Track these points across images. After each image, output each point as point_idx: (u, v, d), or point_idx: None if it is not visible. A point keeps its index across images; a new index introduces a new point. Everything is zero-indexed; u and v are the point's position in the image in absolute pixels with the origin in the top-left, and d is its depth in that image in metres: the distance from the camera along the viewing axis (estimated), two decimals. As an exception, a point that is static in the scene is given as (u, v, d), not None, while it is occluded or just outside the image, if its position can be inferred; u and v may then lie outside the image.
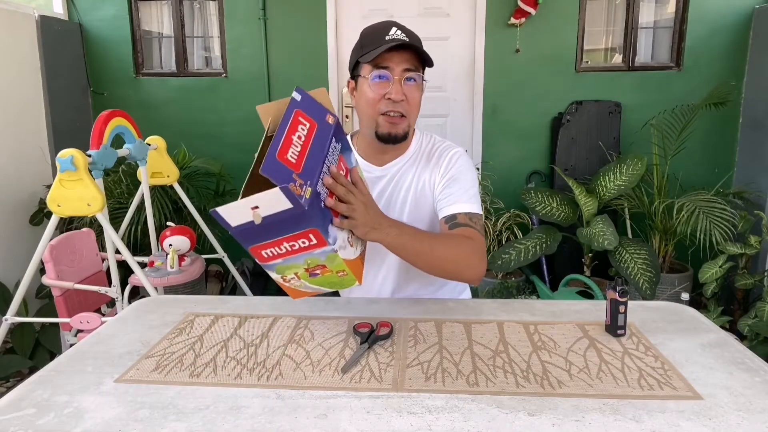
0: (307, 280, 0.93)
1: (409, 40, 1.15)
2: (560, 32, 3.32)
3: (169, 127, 3.37)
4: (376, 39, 1.18)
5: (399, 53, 1.16)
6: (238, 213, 0.82)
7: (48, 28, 3.25)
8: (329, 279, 0.93)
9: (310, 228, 0.83)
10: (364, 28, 1.24)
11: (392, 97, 1.16)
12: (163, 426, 0.74)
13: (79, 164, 2.02)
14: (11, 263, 2.87)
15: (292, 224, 0.82)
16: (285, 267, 0.91)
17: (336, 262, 0.89)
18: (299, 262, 0.89)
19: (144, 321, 1.12)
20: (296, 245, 0.86)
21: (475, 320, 1.09)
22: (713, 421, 0.74)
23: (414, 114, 1.22)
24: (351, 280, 0.94)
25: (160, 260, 2.53)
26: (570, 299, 1.75)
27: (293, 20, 3.45)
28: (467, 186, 1.24)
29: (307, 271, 0.91)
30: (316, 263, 0.89)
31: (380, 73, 1.17)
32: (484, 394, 0.81)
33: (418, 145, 1.31)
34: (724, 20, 3.20)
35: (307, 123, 0.93)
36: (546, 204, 3.06)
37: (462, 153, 1.29)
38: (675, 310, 1.15)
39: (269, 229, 0.83)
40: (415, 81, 1.18)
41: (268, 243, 0.86)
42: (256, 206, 0.80)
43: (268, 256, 0.89)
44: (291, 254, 0.87)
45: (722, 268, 2.73)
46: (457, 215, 1.19)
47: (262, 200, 0.79)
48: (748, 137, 3.20)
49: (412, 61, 1.17)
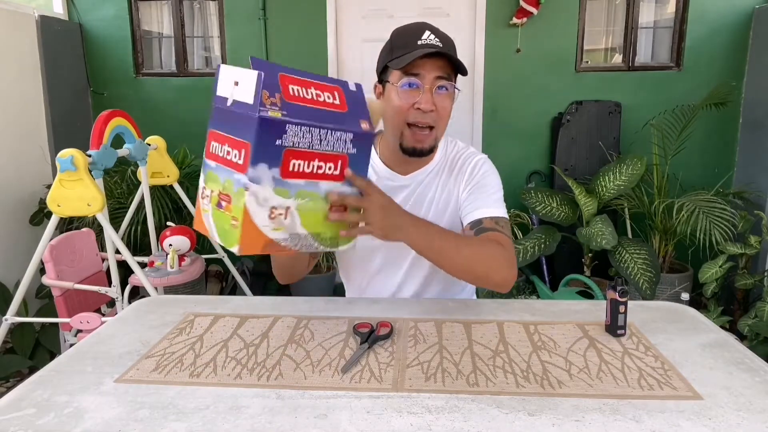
0: (213, 209, 0.85)
1: (443, 46, 1.09)
2: (560, 32, 3.32)
3: (169, 127, 3.37)
4: (407, 43, 1.11)
5: (431, 60, 1.09)
6: (228, 81, 0.81)
7: (48, 28, 3.25)
8: (224, 221, 0.83)
9: (246, 140, 0.78)
10: (396, 28, 1.16)
11: (422, 107, 1.10)
12: (163, 426, 0.74)
13: (79, 164, 2.02)
14: (11, 263, 2.87)
15: (240, 126, 0.79)
16: (212, 176, 0.86)
17: (238, 202, 0.80)
18: (221, 178, 0.83)
19: (144, 321, 1.12)
20: (231, 154, 0.81)
21: (475, 320, 1.09)
22: (713, 421, 0.74)
23: (443, 125, 1.15)
24: (234, 238, 0.82)
25: (160, 260, 2.53)
26: (570, 299, 1.75)
27: (293, 20, 3.45)
28: (492, 191, 1.21)
29: (219, 195, 0.84)
30: (228, 191, 0.82)
31: (410, 80, 1.10)
32: (484, 394, 0.81)
33: (444, 153, 1.27)
34: (724, 20, 3.20)
35: (337, 101, 0.88)
36: (546, 204, 3.06)
37: (486, 159, 1.26)
38: (675, 310, 1.15)
39: (230, 118, 0.81)
40: (446, 90, 1.11)
41: (220, 134, 0.83)
42: (237, 82, 0.79)
43: (211, 151, 0.86)
44: (223, 162, 0.83)
45: (722, 268, 2.73)
46: (483, 220, 1.15)
47: (242, 78, 0.78)
48: (748, 137, 3.20)
49: (445, 68, 1.10)
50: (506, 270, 1.07)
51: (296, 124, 0.81)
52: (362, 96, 0.93)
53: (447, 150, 1.27)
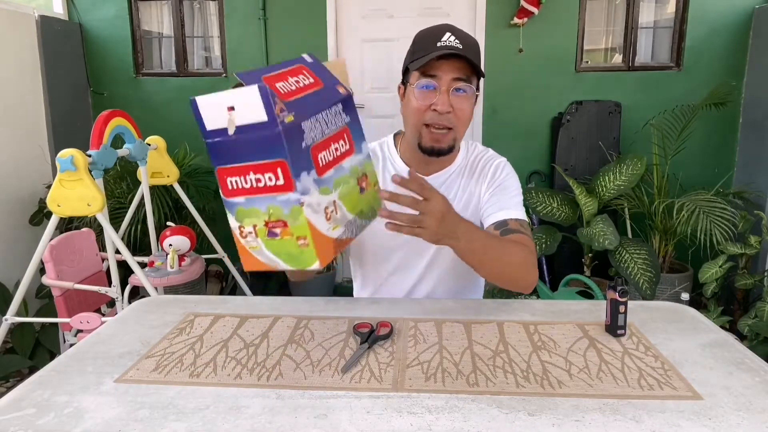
0: (264, 241, 0.80)
1: (462, 48, 1.09)
2: (560, 32, 3.32)
3: (169, 127, 3.37)
4: (427, 44, 1.11)
5: (449, 61, 1.09)
6: (215, 111, 0.75)
7: (48, 28, 3.25)
8: (287, 246, 0.79)
9: (278, 158, 0.73)
10: (419, 31, 1.17)
11: (438, 108, 1.10)
12: (163, 426, 0.74)
13: (79, 164, 2.02)
14: (11, 263, 2.87)
15: (262, 148, 0.74)
16: (245, 212, 0.80)
17: (299, 221, 0.76)
18: (261, 209, 0.78)
19: (144, 321, 1.12)
20: (262, 180, 0.76)
21: (475, 320, 1.09)
22: (713, 421, 0.74)
23: (462, 127, 1.16)
24: (311, 256, 0.78)
25: (160, 260, 2.53)
26: (570, 299, 1.74)
27: (293, 20, 3.45)
28: (513, 193, 1.21)
29: (266, 225, 0.78)
30: (278, 216, 0.77)
31: (427, 82, 1.11)
32: (484, 394, 0.81)
33: (465, 155, 1.27)
34: (724, 20, 3.20)
35: (311, 78, 0.85)
36: (546, 204, 3.06)
37: (506, 163, 1.27)
38: (675, 310, 1.15)
39: (240, 147, 0.75)
40: (464, 92, 1.11)
41: (236, 167, 0.77)
42: (232, 106, 0.73)
43: (232, 188, 0.79)
44: (255, 192, 0.77)
45: (722, 268, 2.73)
46: (508, 221, 1.16)
47: (238, 99, 0.73)
48: (748, 137, 3.20)
49: (464, 70, 1.10)
50: (533, 274, 1.10)
51: (307, 119, 0.78)
52: (321, 65, 0.90)
53: (468, 152, 1.28)
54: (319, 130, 0.80)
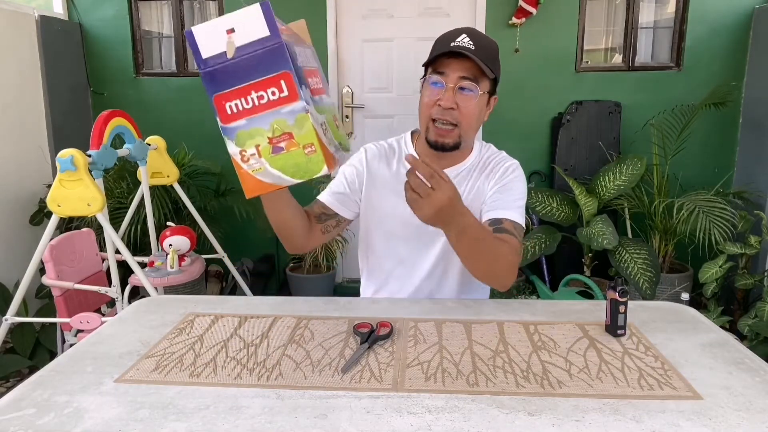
0: (269, 159, 0.80)
1: (475, 49, 1.12)
2: (560, 32, 3.32)
3: (169, 127, 3.37)
4: (443, 44, 1.16)
5: (458, 60, 1.13)
6: (213, 37, 0.75)
7: (48, 28, 3.25)
8: (294, 158, 0.79)
9: (282, 70, 0.75)
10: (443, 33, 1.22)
11: (442, 103, 1.15)
12: (163, 426, 0.74)
13: (79, 164, 2.02)
14: (11, 263, 2.87)
15: (264, 63, 0.75)
16: (247, 134, 0.80)
17: (305, 128, 0.77)
18: (264, 126, 0.79)
19: (144, 321, 1.12)
20: (265, 96, 0.77)
21: (475, 320, 1.09)
22: (713, 421, 0.74)
23: (467, 124, 1.18)
24: (319, 161, 0.79)
25: (160, 260, 2.53)
26: (570, 299, 1.74)
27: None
28: (517, 197, 1.23)
29: (270, 142, 0.79)
30: (283, 129, 0.78)
31: (435, 78, 1.16)
32: (484, 394, 0.81)
33: (478, 154, 1.31)
34: (724, 20, 3.20)
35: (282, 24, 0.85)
36: (546, 204, 3.06)
37: (517, 166, 1.29)
38: (675, 310, 1.15)
39: (240, 68, 0.76)
40: (470, 91, 1.15)
41: (235, 90, 0.78)
42: (231, 29, 0.74)
43: (231, 112, 0.80)
44: (257, 111, 0.78)
45: (722, 268, 2.73)
46: (503, 220, 1.17)
47: (239, 20, 0.74)
48: (748, 137, 3.20)
49: (472, 70, 1.14)
50: (512, 276, 1.12)
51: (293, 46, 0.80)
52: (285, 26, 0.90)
53: (481, 152, 1.32)
54: (302, 57, 0.83)
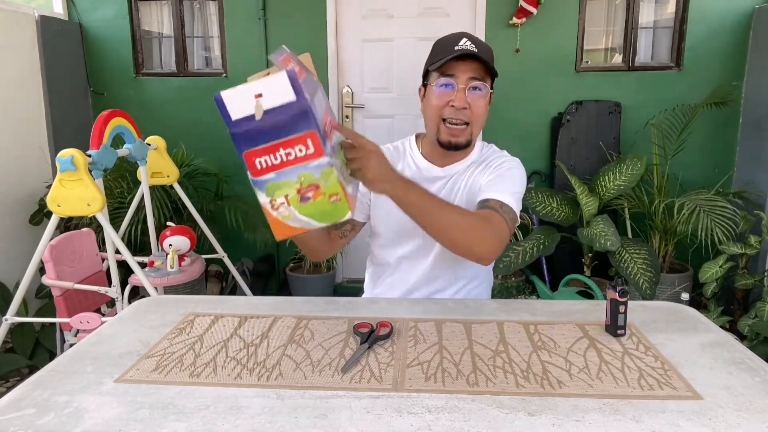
0: (297, 208, 0.87)
1: (478, 51, 1.19)
2: (560, 32, 3.32)
3: (169, 127, 3.37)
4: (446, 48, 1.21)
5: (466, 62, 1.20)
6: (241, 101, 0.81)
7: (48, 28, 3.25)
8: (321, 206, 0.86)
9: (309, 130, 0.81)
10: (439, 38, 1.28)
11: (455, 104, 1.20)
12: (163, 426, 0.74)
13: (79, 164, 2.02)
14: (11, 263, 2.87)
15: (291, 125, 0.81)
16: (276, 185, 0.86)
17: (330, 180, 0.84)
18: (292, 179, 0.85)
19: (144, 321, 1.12)
20: (292, 153, 0.83)
21: (475, 320, 1.09)
22: (713, 421, 0.74)
23: (477, 123, 1.25)
24: (344, 208, 0.87)
25: (160, 260, 2.53)
26: (570, 299, 1.75)
27: (293, 20, 3.45)
28: (511, 184, 1.24)
29: (298, 193, 0.85)
30: (310, 181, 0.84)
31: (446, 81, 1.20)
32: (484, 394, 0.81)
33: (479, 152, 1.35)
34: (724, 20, 3.20)
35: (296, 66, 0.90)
36: (546, 204, 3.06)
37: (517, 163, 1.31)
38: (675, 310, 1.15)
39: (268, 129, 0.82)
40: (480, 90, 1.21)
41: (264, 147, 0.83)
42: (259, 94, 0.80)
43: (261, 167, 0.85)
44: (285, 166, 0.84)
45: (722, 268, 2.73)
46: (490, 200, 1.18)
47: (267, 86, 0.80)
48: (748, 137, 3.20)
49: (479, 70, 1.21)
50: (490, 243, 1.10)
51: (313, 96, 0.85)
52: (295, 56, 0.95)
53: (483, 150, 1.37)
54: (321, 106, 0.89)
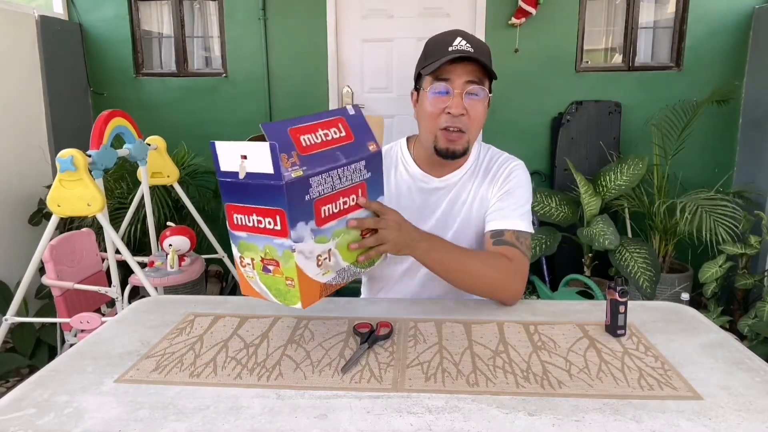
0: (259, 274, 0.89)
1: (474, 51, 1.11)
2: (560, 32, 3.32)
3: (169, 127, 3.37)
4: (439, 49, 1.12)
5: (462, 65, 1.11)
6: (230, 156, 0.82)
7: (48, 28, 3.25)
8: (276, 284, 0.87)
9: (278, 207, 0.80)
10: (430, 37, 1.19)
11: (452, 111, 1.11)
12: (163, 426, 0.74)
13: (79, 164, 2.02)
14: (11, 263, 2.87)
15: (266, 195, 0.81)
16: (246, 245, 0.88)
17: (289, 264, 0.84)
18: (259, 246, 0.86)
19: (144, 321, 1.12)
20: (263, 223, 0.84)
21: (475, 320, 1.09)
22: (713, 421, 0.74)
23: (475, 129, 1.17)
24: (294, 296, 0.86)
25: (160, 260, 2.53)
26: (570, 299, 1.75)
27: (293, 20, 3.45)
28: (521, 202, 1.21)
29: (262, 261, 0.87)
30: (272, 256, 0.85)
31: (440, 87, 1.12)
32: (484, 394, 0.81)
33: (476, 156, 1.27)
34: (724, 20, 3.20)
35: (343, 132, 0.91)
36: (545, 204, 3.06)
37: (521, 166, 1.26)
38: (675, 310, 1.15)
39: (247, 190, 0.82)
40: (477, 95, 1.13)
41: (242, 206, 0.85)
42: (245, 155, 0.80)
43: (237, 223, 0.87)
44: (255, 231, 0.85)
45: (722, 268, 2.73)
46: (505, 232, 1.16)
47: (251, 151, 0.79)
48: (748, 137, 3.20)
49: (476, 73, 1.12)
50: (514, 287, 1.12)
51: (317, 174, 0.84)
52: (362, 118, 0.96)
53: (480, 154, 1.28)
54: (329, 184, 0.87)
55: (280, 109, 3.54)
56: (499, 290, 1.12)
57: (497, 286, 1.12)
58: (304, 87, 3.50)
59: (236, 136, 3.54)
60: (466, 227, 1.25)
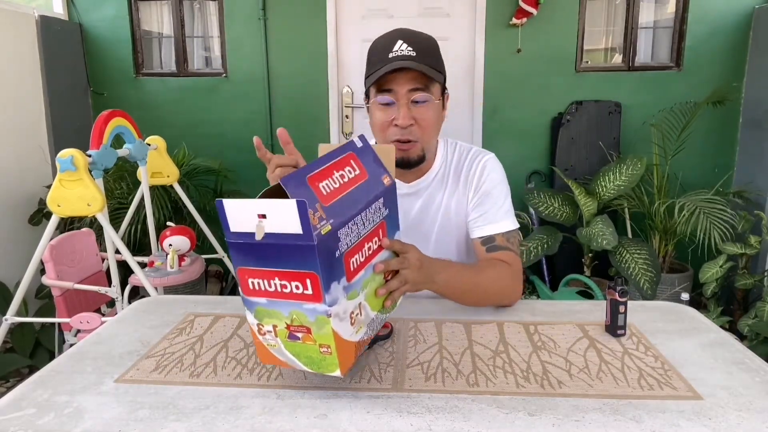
0: (284, 342, 0.78)
1: (416, 55, 1.05)
2: (560, 32, 3.32)
3: (169, 127, 3.37)
4: (380, 57, 1.07)
5: (402, 73, 1.05)
6: (243, 215, 0.71)
7: (48, 28, 3.25)
8: (308, 351, 0.77)
9: (310, 270, 0.70)
10: (373, 41, 1.13)
11: (398, 123, 1.07)
12: (163, 426, 0.74)
13: (79, 164, 2.02)
14: (11, 263, 2.87)
15: (292, 257, 0.70)
16: (266, 312, 0.76)
17: (324, 330, 0.74)
18: (283, 312, 0.75)
19: (144, 321, 1.12)
20: (288, 287, 0.73)
21: (475, 320, 1.09)
22: (713, 421, 0.74)
23: (427, 136, 1.13)
24: (332, 363, 0.76)
25: (160, 260, 2.53)
26: (570, 299, 1.75)
27: (293, 20, 3.45)
28: (501, 201, 1.18)
29: (288, 328, 0.76)
30: (301, 322, 0.74)
31: (384, 99, 1.08)
32: (484, 394, 0.81)
33: (444, 158, 1.23)
34: (724, 20, 3.20)
35: (357, 170, 0.83)
36: (547, 204, 3.06)
37: (492, 159, 1.22)
38: (675, 310, 1.15)
39: (267, 252, 0.72)
40: (424, 102, 1.08)
41: (259, 270, 0.74)
42: (263, 215, 0.70)
43: (253, 288, 0.75)
44: (278, 297, 0.74)
45: (722, 268, 2.73)
46: (495, 237, 1.16)
47: (272, 210, 0.69)
48: (748, 137, 3.20)
49: (420, 79, 1.06)
50: (517, 291, 1.15)
51: (344, 225, 0.75)
52: (370, 149, 0.88)
53: (447, 153, 1.24)
54: (355, 233, 0.78)
55: (280, 109, 3.54)
56: (506, 298, 1.14)
57: (504, 296, 1.14)
58: (304, 87, 3.50)
59: (236, 136, 3.55)
60: (446, 235, 1.23)
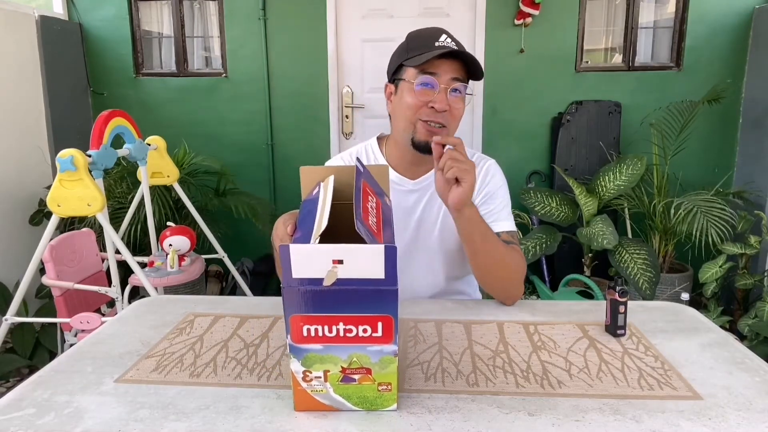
0: (334, 386, 0.74)
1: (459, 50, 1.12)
2: (560, 32, 3.32)
3: (169, 127, 3.37)
4: (425, 44, 1.13)
5: (449, 61, 1.11)
6: (312, 260, 0.66)
7: (48, 28, 3.25)
8: (362, 392, 0.74)
9: (385, 314, 0.68)
10: (411, 31, 1.19)
11: (436, 106, 1.11)
12: (163, 426, 0.74)
13: (79, 164, 2.02)
14: (11, 263, 2.87)
15: (367, 302, 0.67)
16: (318, 358, 0.72)
17: (388, 369, 0.72)
18: (341, 356, 0.72)
19: (144, 321, 1.12)
20: (353, 331, 0.70)
21: (475, 320, 1.09)
22: (713, 421, 0.74)
23: (455, 125, 1.17)
24: (389, 399, 0.75)
25: (160, 260, 2.53)
26: (570, 299, 1.75)
27: (293, 20, 3.45)
28: (504, 203, 1.24)
29: (343, 371, 0.73)
30: (362, 364, 0.72)
31: (426, 79, 1.12)
32: (484, 394, 0.81)
33: None
34: (724, 20, 3.20)
35: (374, 199, 0.82)
36: (546, 204, 3.06)
37: (495, 165, 1.29)
38: (675, 310, 1.15)
39: (336, 298, 0.68)
40: (460, 93, 1.14)
41: (320, 317, 0.69)
42: (340, 260, 0.66)
43: (307, 335, 0.71)
44: (338, 341, 0.71)
45: (722, 268, 2.73)
46: (501, 234, 1.19)
47: (356, 254, 0.65)
48: (748, 137, 3.20)
49: (460, 71, 1.13)
50: (521, 286, 1.17)
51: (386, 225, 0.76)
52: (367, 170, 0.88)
53: None
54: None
55: (280, 109, 3.54)
56: (511, 285, 1.15)
57: (513, 275, 1.14)
58: (304, 87, 3.50)
59: (236, 136, 3.55)
60: (450, 232, 1.24)
